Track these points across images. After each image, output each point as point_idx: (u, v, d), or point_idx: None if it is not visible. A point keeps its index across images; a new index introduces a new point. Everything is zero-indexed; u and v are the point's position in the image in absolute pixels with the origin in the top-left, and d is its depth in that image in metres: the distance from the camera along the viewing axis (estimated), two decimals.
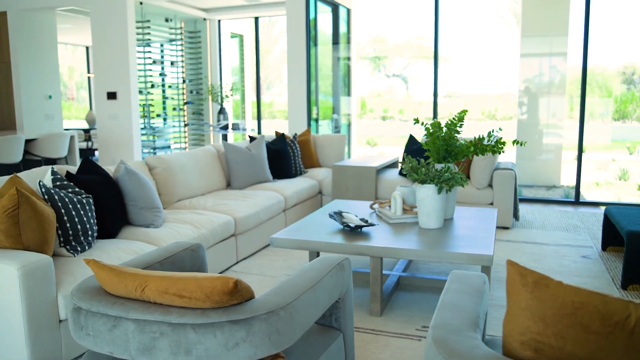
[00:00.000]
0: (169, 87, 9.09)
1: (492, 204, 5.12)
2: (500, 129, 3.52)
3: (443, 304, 1.54)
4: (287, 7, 7.33)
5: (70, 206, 2.80)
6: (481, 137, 3.50)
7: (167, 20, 9.14)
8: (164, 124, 9.02)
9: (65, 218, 2.76)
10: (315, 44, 7.92)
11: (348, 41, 9.45)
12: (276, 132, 6.01)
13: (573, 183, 8.31)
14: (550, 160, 7.74)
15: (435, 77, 7.10)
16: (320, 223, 3.55)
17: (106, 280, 1.55)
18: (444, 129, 3.53)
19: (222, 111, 9.72)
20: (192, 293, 1.42)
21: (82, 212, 2.85)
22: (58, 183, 2.92)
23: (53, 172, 2.95)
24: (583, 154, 6.67)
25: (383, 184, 5.48)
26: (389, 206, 3.84)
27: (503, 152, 3.34)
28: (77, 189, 2.97)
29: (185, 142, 9.67)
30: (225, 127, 9.70)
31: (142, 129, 8.44)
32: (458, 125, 3.53)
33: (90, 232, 2.89)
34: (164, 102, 8.95)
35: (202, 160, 4.65)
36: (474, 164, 5.21)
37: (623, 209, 4.12)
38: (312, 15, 7.58)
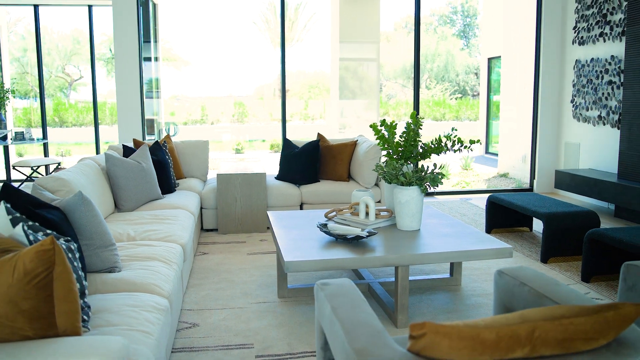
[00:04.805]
0: None
1: (380, 201, 5.30)
2: (455, 129, 3.68)
3: None
4: None
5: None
6: (440, 137, 3.60)
7: None
8: None
9: None
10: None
11: (155, 39, 8.63)
12: (134, 139, 5.10)
13: None
14: None
15: (283, 70, 6.99)
16: (303, 239, 3.16)
17: (470, 346, 1.11)
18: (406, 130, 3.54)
19: None
20: (599, 333, 1.14)
21: (75, 265, 1.97)
22: (24, 225, 1.95)
23: (9, 210, 1.96)
24: None
25: (271, 191, 5.17)
26: (350, 213, 3.66)
27: (471, 150, 3.51)
28: (48, 231, 2.03)
29: None
30: (5, 138, 7.82)
31: None
32: (419, 125, 3.58)
33: (85, 292, 2.01)
34: None
35: (93, 179, 3.67)
36: (358, 163, 5.32)
37: (510, 195, 4.74)
38: None
